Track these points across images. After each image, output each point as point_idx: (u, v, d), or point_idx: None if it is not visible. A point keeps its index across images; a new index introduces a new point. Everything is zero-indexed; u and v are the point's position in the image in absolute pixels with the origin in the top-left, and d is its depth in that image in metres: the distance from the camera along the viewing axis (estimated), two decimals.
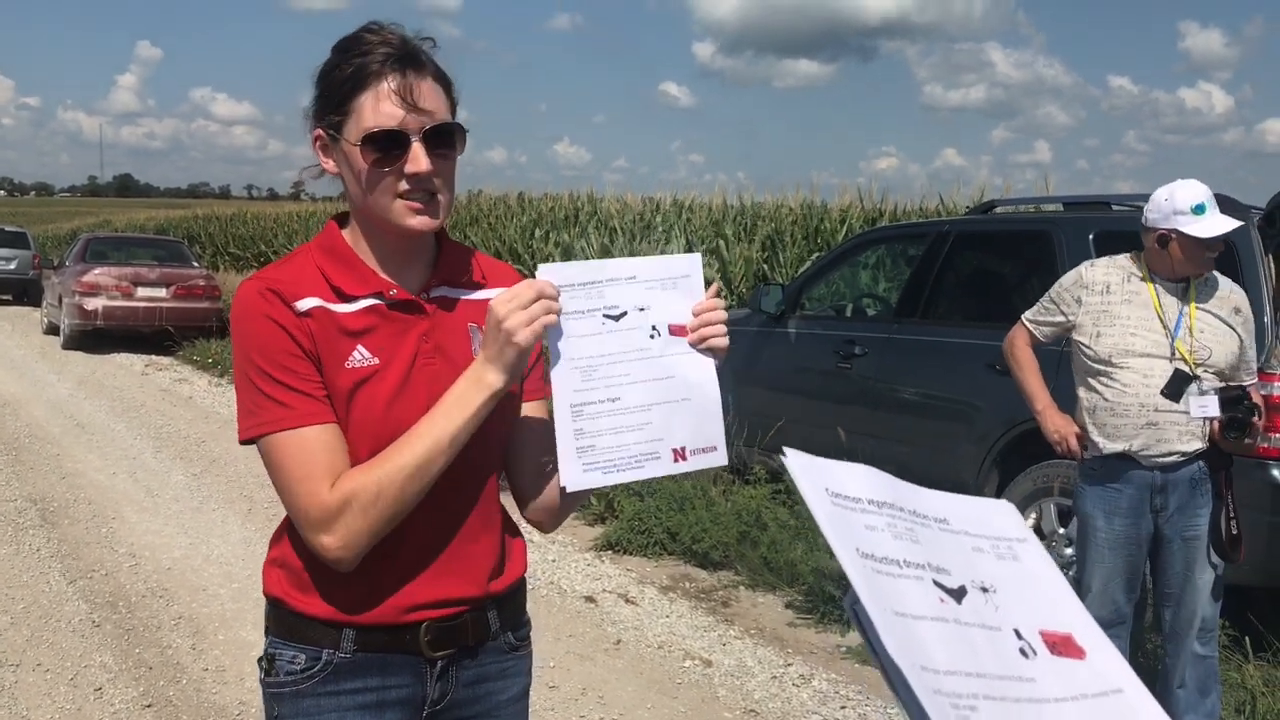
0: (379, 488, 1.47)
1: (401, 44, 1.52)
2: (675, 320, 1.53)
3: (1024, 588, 0.98)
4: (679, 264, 1.55)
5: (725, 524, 6.11)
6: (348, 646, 1.57)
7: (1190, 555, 3.65)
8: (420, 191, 1.52)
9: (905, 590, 0.90)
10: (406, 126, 1.49)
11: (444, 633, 1.60)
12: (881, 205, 15.41)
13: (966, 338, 5.86)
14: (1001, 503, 1.07)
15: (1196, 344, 3.58)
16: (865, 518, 0.94)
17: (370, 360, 1.54)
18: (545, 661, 4.62)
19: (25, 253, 24.22)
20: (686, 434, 1.53)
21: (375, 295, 1.57)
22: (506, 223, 19.61)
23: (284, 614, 1.61)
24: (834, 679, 4.59)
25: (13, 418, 10.13)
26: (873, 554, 0.91)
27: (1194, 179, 3.63)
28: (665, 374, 1.52)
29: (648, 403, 1.52)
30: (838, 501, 0.95)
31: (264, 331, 1.51)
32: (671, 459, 1.53)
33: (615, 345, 1.51)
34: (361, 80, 1.50)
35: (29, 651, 4.54)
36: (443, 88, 1.56)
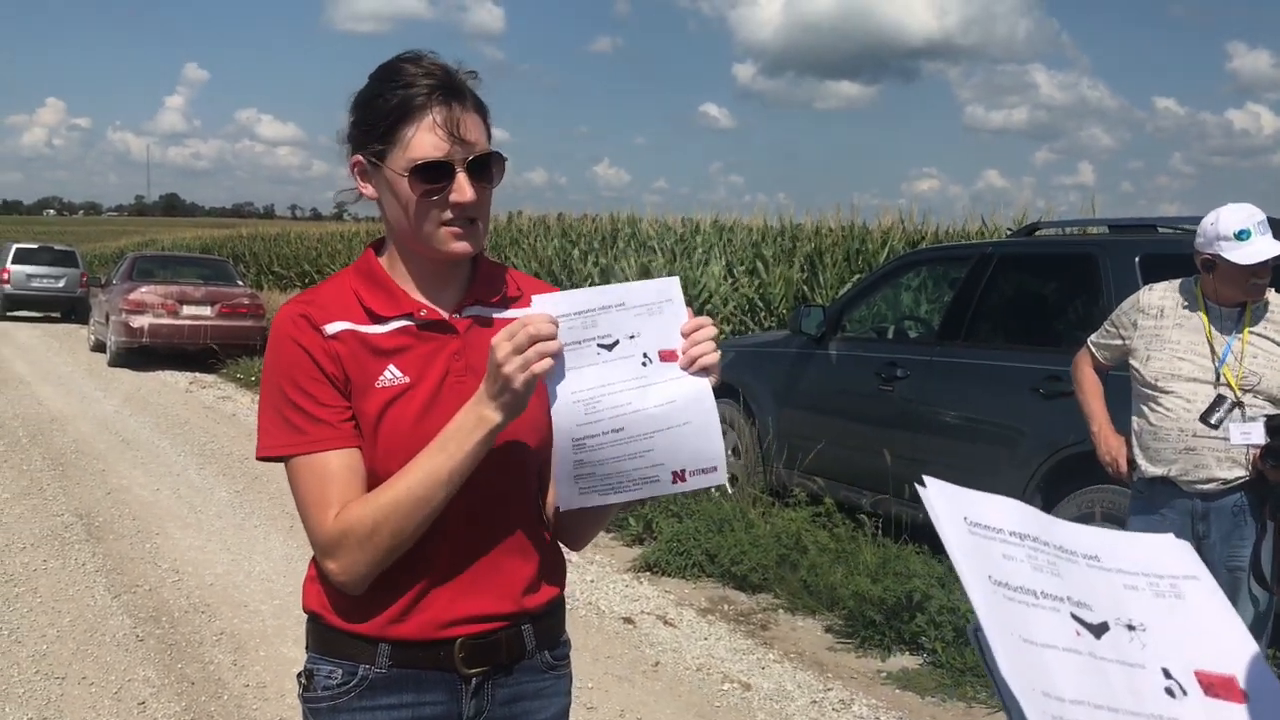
0: (374, 522, 1.50)
1: (445, 76, 1.54)
2: (664, 346, 1.51)
3: (1183, 626, 0.95)
4: (660, 288, 1.52)
5: (764, 546, 6.08)
6: (383, 662, 1.58)
7: (1234, 586, 3.60)
8: (462, 219, 1.56)
9: (1038, 619, 0.90)
10: (452, 158, 1.52)
11: (478, 649, 1.61)
12: (923, 227, 15.35)
13: (1010, 361, 5.82)
14: (1174, 540, 1.04)
15: (1245, 370, 3.53)
16: (1004, 547, 0.94)
17: (400, 379, 1.57)
18: (584, 682, 4.61)
19: (74, 271, 24.65)
20: (687, 456, 1.52)
21: (406, 316, 1.60)
22: (545, 243, 19.71)
23: (322, 629, 1.63)
24: (874, 704, 4.54)
25: (60, 433, 10.27)
26: (1006, 582, 0.91)
27: (1245, 203, 3.58)
28: (665, 400, 1.50)
29: (651, 430, 1.50)
30: (975, 530, 0.95)
31: (288, 354, 1.56)
32: (671, 480, 1.52)
33: (613, 375, 1.50)
34: (407, 112, 1.52)
35: (74, 665, 4.59)
36: (481, 117, 1.59)
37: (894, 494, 6.16)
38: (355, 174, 1.62)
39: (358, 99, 1.59)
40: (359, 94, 1.59)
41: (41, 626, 5.02)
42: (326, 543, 1.53)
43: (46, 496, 7.66)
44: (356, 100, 1.59)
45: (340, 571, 1.53)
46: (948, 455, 5.99)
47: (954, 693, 4.65)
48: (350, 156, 1.61)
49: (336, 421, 1.55)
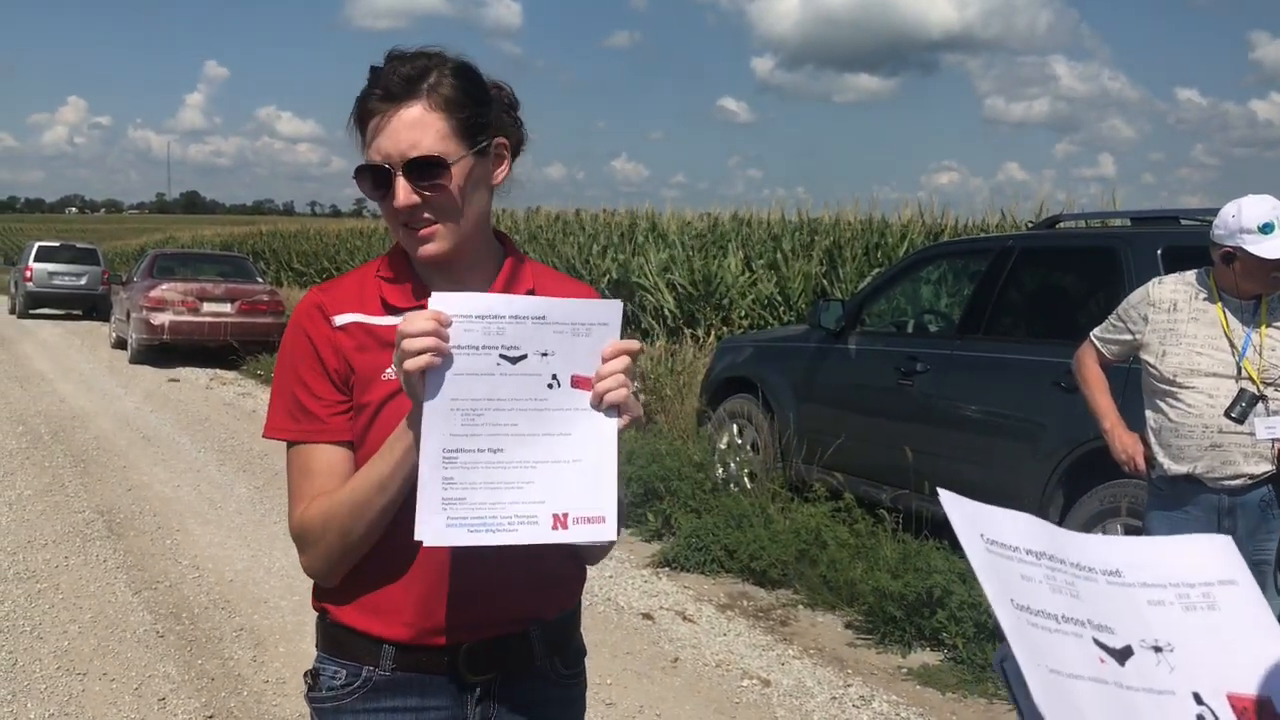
0: (323, 522, 1.52)
1: (394, 76, 1.50)
2: (580, 371, 1.40)
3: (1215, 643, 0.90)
4: (598, 310, 1.41)
5: (784, 542, 6.06)
6: (386, 664, 1.57)
7: (1261, 581, 3.54)
8: (417, 222, 1.53)
9: (1061, 646, 0.86)
10: (389, 161, 1.50)
11: (483, 655, 1.59)
12: (943, 220, 15.26)
13: (1031, 354, 5.77)
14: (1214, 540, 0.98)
15: (1266, 363, 3.48)
16: (1022, 567, 0.90)
17: None
18: (603, 678, 4.61)
19: (95, 269, 24.82)
20: (571, 499, 1.39)
21: (417, 308, 1.53)
22: (564, 240, 19.69)
23: (327, 625, 1.63)
24: (894, 700, 4.52)
25: (82, 430, 10.33)
26: (1028, 606, 0.87)
27: (1267, 195, 3.52)
28: (558, 429, 1.39)
29: (533, 460, 1.39)
30: (993, 549, 0.91)
31: (296, 343, 1.58)
32: (550, 525, 1.39)
33: (507, 391, 1.38)
34: (361, 115, 1.53)
35: (95, 661, 4.61)
36: (444, 114, 1.51)
37: (914, 489, 6.12)
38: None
39: None
40: None
41: (63, 623, 5.05)
42: (293, 535, 1.58)
43: (68, 493, 7.71)
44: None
45: (305, 564, 1.58)
46: (968, 450, 5.95)
47: (975, 689, 4.62)
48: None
49: (326, 416, 1.55)
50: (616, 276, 17.13)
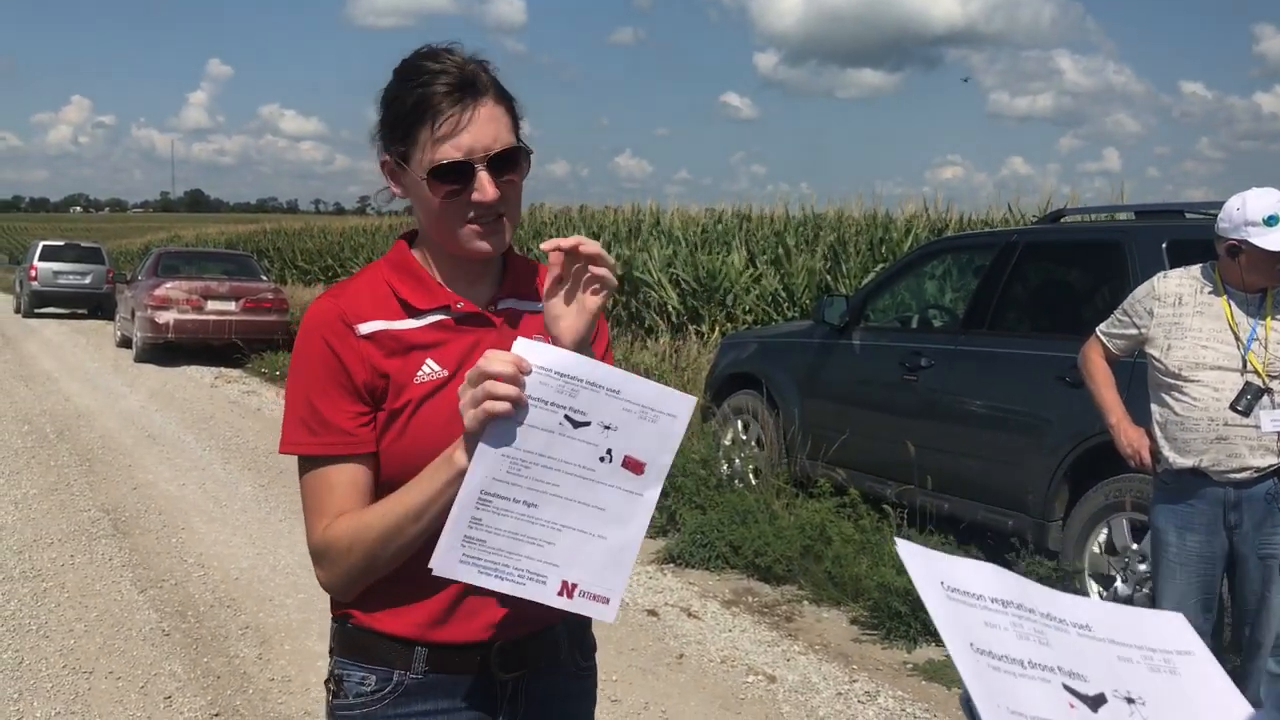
0: (350, 543, 1.49)
1: (460, 73, 1.50)
2: (635, 454, 1.41)
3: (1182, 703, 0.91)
4: (671, 401, 1.42)
5: (789, 538, 6.06)
6: (419, 667, 1.55)
7: (1267, 574, 3.54)
8: (488, 216, 1.52)
9: (1026, 691, 0.86)
10: (471, 156, 1.48)
11: (515, 652, 1.58)
12: (947, 215, 15.24)
13: (1035, 349, 5.76)
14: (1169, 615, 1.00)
15: (1271, 356, 3.47)
16: (985, 615, 0.90)
17: (439, 373, 1.54)
18: (608, 675, 4.61)
19: (100, 268, 24.85)
20: (585, 572, 1.41)
21: (442, 309, 1.57)
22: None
23: (352, 631, 1.59)
24: (900, 696, 4.51)
25: (87, 429, 10.35)
26: (990, 650, 0.87)
27: (1271, 187, 3.51)
28: (596, 502, 1.41)
29: (561, 523, 1.40)
30: (954, 596, 0.91)
31: (317, 354, 1.53)
32: (557, 589, 1.41)
33: (561, 452, 1.39)
34: (423, 112, 1.49)
35: (101, 659, 4.61)
36: (504, 108, 1.54)
37: (919, 484, 6.11)
38: (386, 174, 1.59)
39: (383, 97, 1.56)
40: (384, 92, 1.56)
41: (69, 621, 5.06)
42: (313, 551, 1.54)
43: (74, 492, 7.72)
44: (382, 99, 1.56)
45: (323, 580, 1.55)
46: (973, 445, 5.95)
47: None
48: (380, 156, 1.58)
49: (352, 429, 1.52)
50: (620, 272, 17.12)
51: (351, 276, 1.65)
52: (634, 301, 16.88)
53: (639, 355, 13.33)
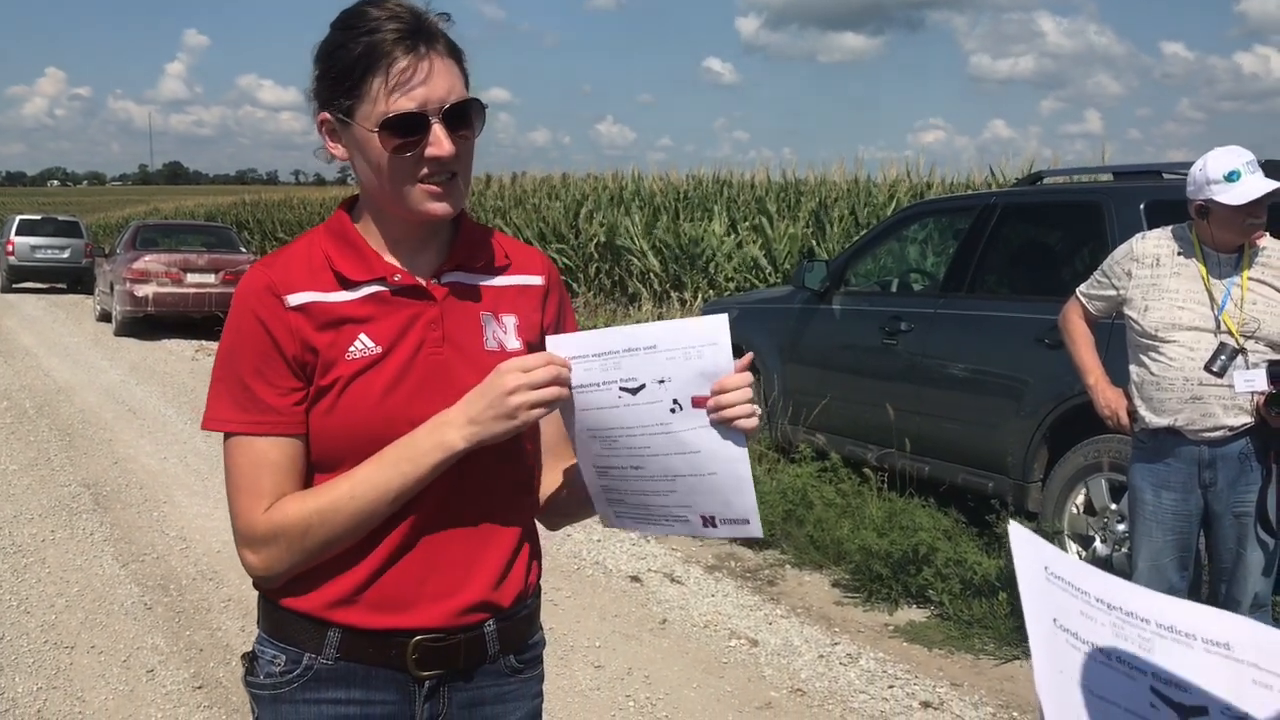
0: (308, 525, 1.41)
1: (413, 18, 1.41)
2: (699, 392, 1.39)
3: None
4: (704, 329, 1.39)
5: (771, 503, 6.07)
6: (330, 653, 1.47)
7: (1242, 531, 3.58)
8: (441, 174, 1.43)
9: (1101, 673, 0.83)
10: (426, 108, 1.39)
11: (433, 651, 1.49)
12: (929, 178, 15.24)
13: (1015, 311, 5.77)
14: None
15: (1245, 316, 3.48)
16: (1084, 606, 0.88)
17: (372, 349, 1.45)
18: (591, 641, 4.63)
19: (78, 241, 24.63)
20: (715, 505, 1.45)
21: (378, 281, 1.48)
22: (550, 204, 19.62)
23: (270, 608, 1.53)
24: (881, 658, 4.55)
25: (66, 404, 10.29)
26: (1076, 632, 0.85)
27: (1235, 145, 3.52)
28: (690, 448, 1.41)
29: (672, 474, 1.43)
30: (1053, 580, 0.89)
31: (246, 327, 1.45)
32: (700, 524, 1.46)
33: (634, 419, 1.41)
34: (373, 61, 1.39)
35: (83, 634, 4.60)
36: (456, 61, 1.45)
37: (899, 448, 6.14)
38: (324, 133, 1.48)
39: (320, 50, 1.45)
40: (321, 44, 1.45)
41: (50, 596, 5.04)
42: (253, 535, 1.44)
43: (54, 467, 7.68)
44: (319, 52, 1.45)
45: (260, 565, 1.45)
46: (953, 408, 5.97)
47: (962, 644, 4.65)
48: (317, 115, 1.48)
49: (285, 406, 1.44)
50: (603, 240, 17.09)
51: (286, 245, 1.56)
52: (616, 269, 16.86)
53: (622, 322, 13.32)
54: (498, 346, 1.52)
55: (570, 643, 4.59)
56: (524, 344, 1.54)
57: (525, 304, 1.57)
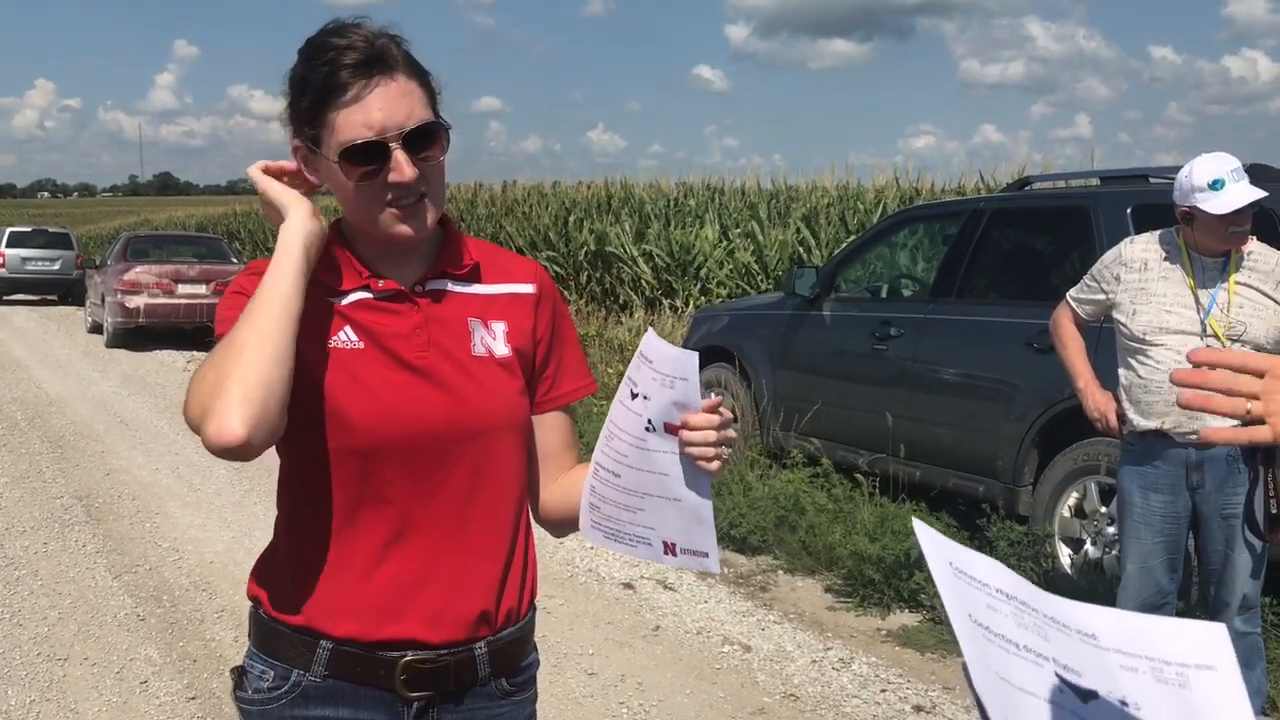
0: (218, 352, 1.38)
1: (367, 45, 1.42)
2: (671, 419, 1.41)
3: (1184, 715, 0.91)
4: (677, 361, 1.40)
5: (763, 509, 6.09)
6: (319, 670, 1.47)
7: (1230, 533, 3.59)
8: (407, 197, 1.44)
9: (1017, 666, 0.87)
10: (384, 135, 1.40)
11: (422, 673, 1.48)
12: (918, 184, 15.29)
13: (1004, 316, 5.80)
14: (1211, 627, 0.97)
15: (1232, 320, 3.50)
16: (988, 599, 0.91)
17: (355, 343, 1.47)
18: (584, 649, 4.63)
19: (69, 253, 24.59)
20: (676, 533, 1.45)
21: (363, 289, 1.50)
22: (540, 212, 19.63)
23: (260, 620, 1.54)
24: (874, 662, 4.56)
25: (58, 416, 10.27)
26: (988, 626, 0.89)
27: (1221, 151, 3.53)
28: (659, 470, 1.43)
29: (642, 491, 1.45)
30: (960, 576, 0.92)
31: (230, 303, 1.46)
32: (662, 549, 1.47)
33: (624, 423, 1.45)
34: (329, 91, 1.41)
35: (76, 646, 4.60)
36: (418, 82, 1.46)
37: (891, 453, 6.16)
38: (299, 159, 1.51)
39: (289, 78, 1.47)
40: (289, 73, 1.47)
41: (43, 609, 5.04)
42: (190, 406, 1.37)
43: (46, 479, 7.67)
44: (288, 80, 1.47)
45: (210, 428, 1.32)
46: (944, 412, 5.99)
47: (954, 648, 4.66)
48: (290, 140, 1.50)
49: None
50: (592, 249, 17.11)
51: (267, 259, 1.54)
52: (607, 277, 16.88)
53: (613, 330, 13.34)
54: (485, 352, 1.52)
55: (563, 650, 4.60)
56: (513, 350, 1.55)
57: (517, 311, 1.57)
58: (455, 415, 1.48)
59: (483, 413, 1.50)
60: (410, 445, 1.46)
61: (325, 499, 1.48)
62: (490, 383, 1.51)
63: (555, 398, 1.62)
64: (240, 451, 1.31)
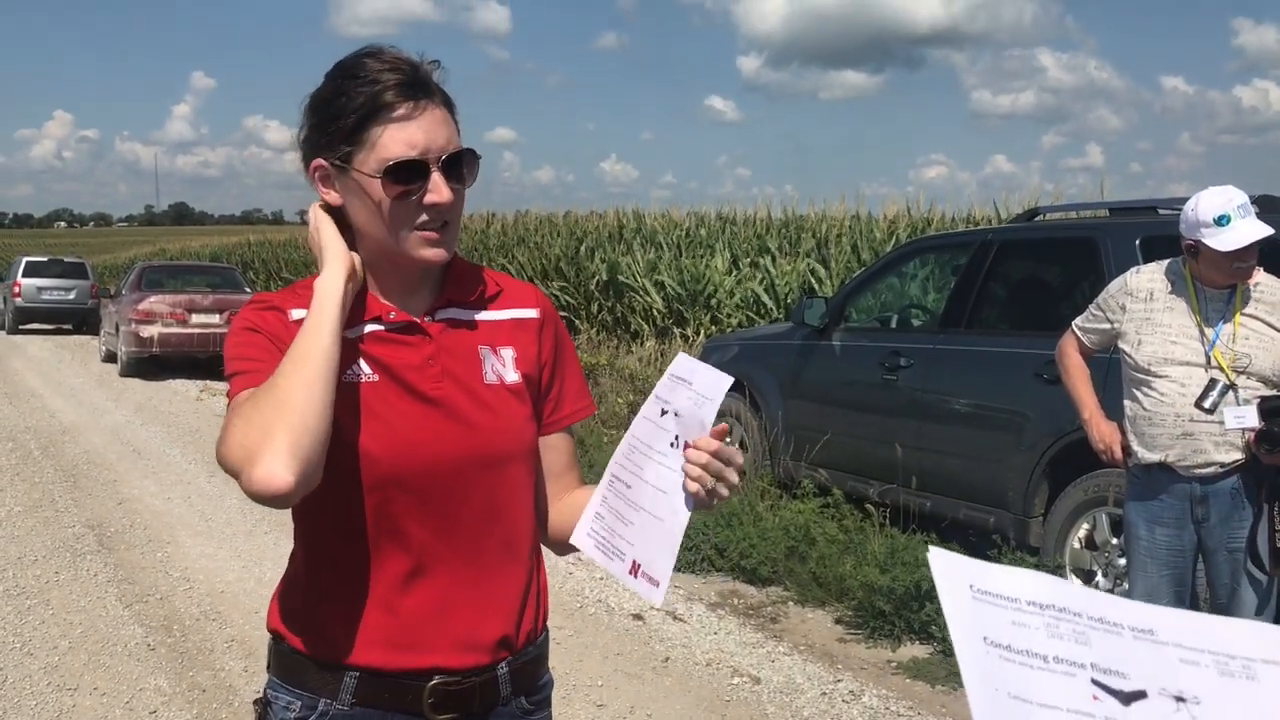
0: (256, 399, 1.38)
1: (412, 70, 1.46)
2: (691, 437, 1.44)
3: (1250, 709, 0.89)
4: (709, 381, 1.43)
5: (773, 539, 6.08)
6: (346, 698, 1.48)
7: (1235, 567, 3.58)
8: (436, 221, 1.47)
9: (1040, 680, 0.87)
10: (426, 156, 1.44)
11: (450, 696, 1.50)
12: (929, 214, 15.30)
13: (1013, 347, 5.80)
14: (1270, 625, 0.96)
15: (1237, 352, 3.50)
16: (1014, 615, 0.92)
17: (369, 375, 1.49)
18: (593, 680, 4.62)
19: (84, 283, 24.75)
20: (647, 553, 1.46)
21: (374, 320, 1.51)
22: (552, 241, 19.70)
23: (284, 651, 1.54)
24: (884, 694, 4.54)
25: (72, 444, 10.32)
26: (1008, 645, 0.89)
27: (1228, 185, 3.51)
28: (661, 485, 1.46)
29: (639, 505, 1.48)
30: (980, 597, 0.92)
31: (243, 339, 1.48)
32: (629, 568, 1.47)
33: (649, 437, 1.47)
34: (375, 109, 1.43)
35: (86, 675, 4.61)
36: (449, 112, 1.50)
37: (901, 483, 6.15)
38: (315, 180, 1.52)
39: (317, 99, 1.50)
40: (316, 94, 1.50)
41: (53, 638, 5.05)
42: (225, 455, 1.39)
43: (58, 508, 7.70)
44: (315, 101, 1.50)
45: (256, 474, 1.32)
46: (953, 443, 5.98)
47: None
48: (309, 161, 1.51)
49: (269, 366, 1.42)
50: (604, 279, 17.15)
51: (275, 293, 1.58)
52: (619, 306, 16.91)
53: (624, 360, 13.36)
54: (496, 379, 1.54)
55: (572, 682, 4.59)
56: (522, 376, 1.57)
57: (522, 336, 1.59)
58: (472, 445, 1.50)
59: (498, 441, 1.52)
60: (429, 477, 1.48)
61: (345, 532, 1.49)
62: (503, 410, 1.53)
63: (558, 420, 1.64)
64: (283, 500, 1.33)
